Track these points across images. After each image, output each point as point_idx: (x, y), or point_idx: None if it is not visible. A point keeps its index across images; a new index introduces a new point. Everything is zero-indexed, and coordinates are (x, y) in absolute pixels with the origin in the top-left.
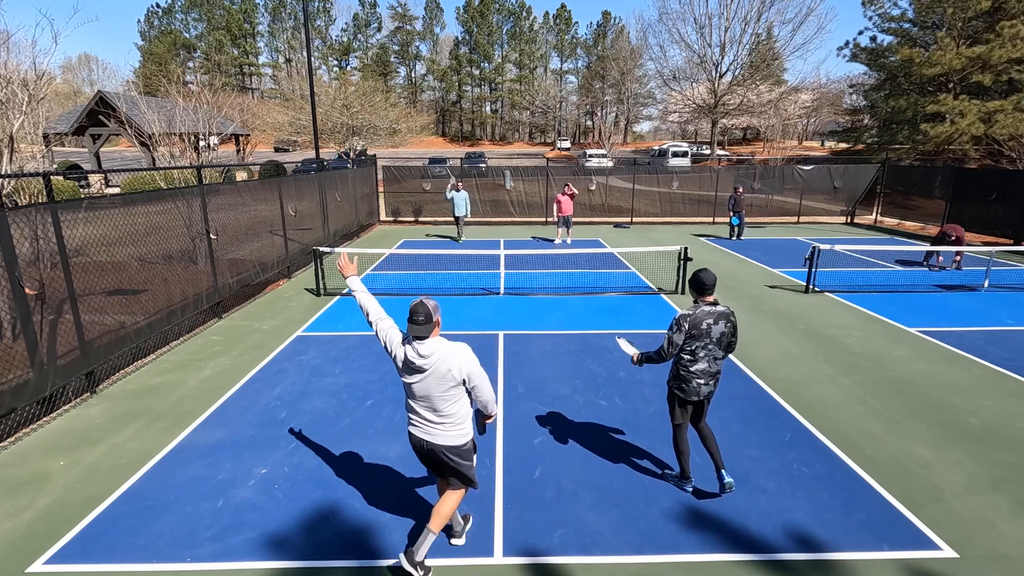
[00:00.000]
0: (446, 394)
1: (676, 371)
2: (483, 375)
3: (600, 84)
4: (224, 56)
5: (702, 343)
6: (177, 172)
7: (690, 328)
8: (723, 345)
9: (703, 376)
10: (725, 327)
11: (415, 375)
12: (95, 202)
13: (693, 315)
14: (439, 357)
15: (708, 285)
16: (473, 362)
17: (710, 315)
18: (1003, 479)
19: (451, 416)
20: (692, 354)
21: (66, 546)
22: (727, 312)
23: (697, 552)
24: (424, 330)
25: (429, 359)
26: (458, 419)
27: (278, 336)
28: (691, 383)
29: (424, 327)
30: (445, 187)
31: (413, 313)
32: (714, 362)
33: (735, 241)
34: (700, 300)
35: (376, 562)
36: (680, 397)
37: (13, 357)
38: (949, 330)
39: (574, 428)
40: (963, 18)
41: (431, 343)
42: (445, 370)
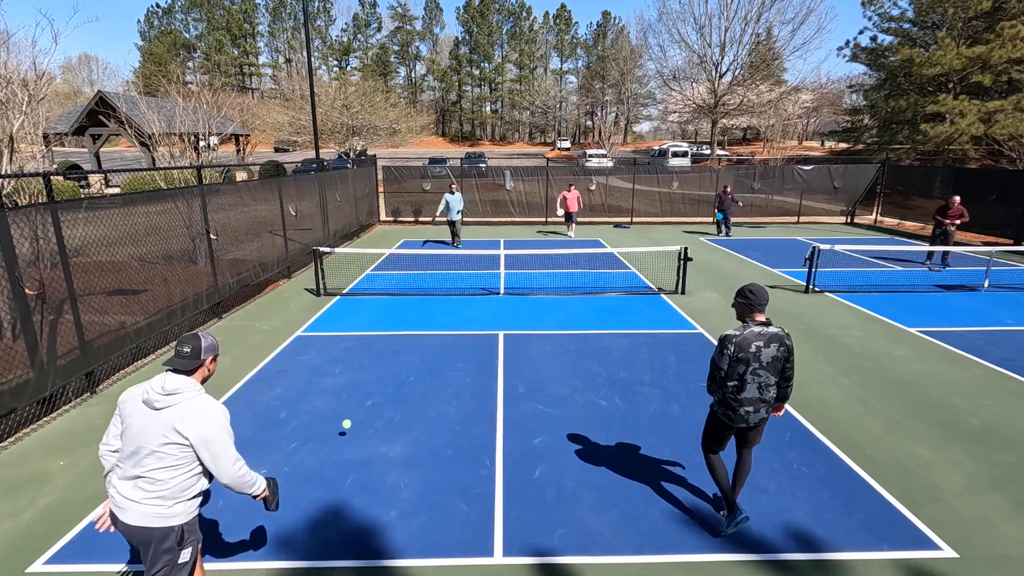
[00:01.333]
0: (163, 451)
1: (722, 396)
2: (229, 450)
3: (600, 84)
4: (224, 56)
5: (750, 368)
6: (177, 172)
7: (736, 351)
8: (775, 371)
9: (752, 404)
10: (778, 351)
11: (142, 411)
12: (95, 202)
13: (740, 336)
14: (180, 400)
15: (759, 303)
16: (217, 429)
17: (760, 337)
18: (1003, 479)
19: (155, 482)
20: (739, 380)
21: (66, 546)
22: (780, 334)
23: (697, 552)
24: (185, 364)
25: (171, 397)
26: (160, 491)
27: (278, 336)
28: (738, 411)
29: (186, 360)
30: (445, 190)
31: (180, 343)
32: (765, 389)
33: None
34: (749, 319)
35: (377, 562)
36: (724, 423)
37: (13, 357)
38: (949, 330)
39: (574, 428)
40: (963, 18)
41: (182, 381)
42: (177, 419)
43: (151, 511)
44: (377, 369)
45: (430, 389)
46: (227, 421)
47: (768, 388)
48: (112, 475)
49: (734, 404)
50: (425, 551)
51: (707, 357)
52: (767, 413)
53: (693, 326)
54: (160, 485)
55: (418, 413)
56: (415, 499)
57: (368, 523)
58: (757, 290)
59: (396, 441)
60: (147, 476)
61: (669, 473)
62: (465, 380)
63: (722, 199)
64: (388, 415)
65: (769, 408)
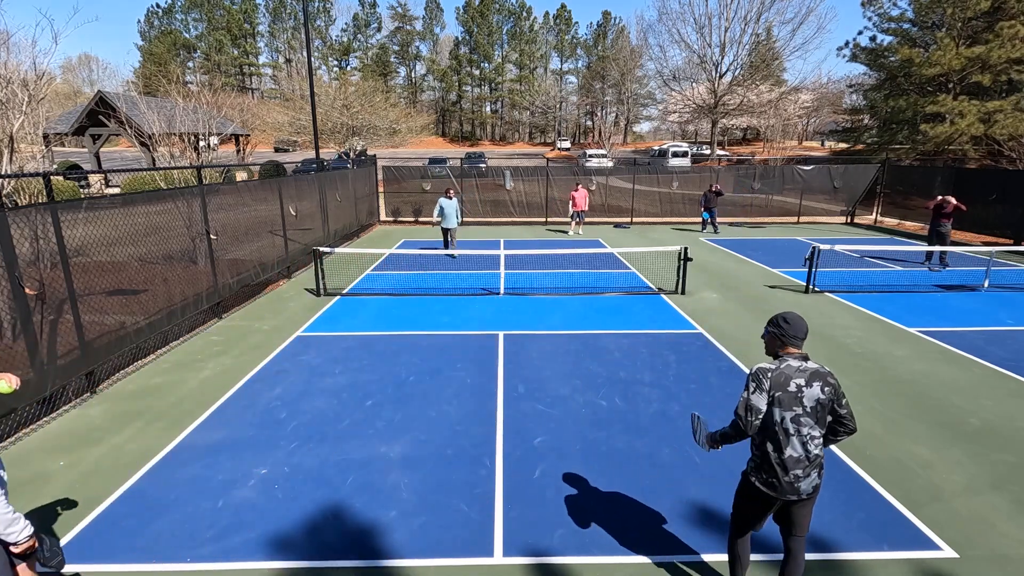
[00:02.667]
0: None
1: (761, 457)
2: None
3: (600, 84)
4: (224, 56)
5: (790, 414)
6: (177, 172)
7: (772, 388)
8: (819, 420)
9: (800, 465)
10: (822, 392)
11: None
12: (95, 202)
13: (777, 370)
14: None
15: (793, 334)
16: None
17: (801, 373)
18: (1003, 479)
19: None
20: (781, 429)
21: (66, 546)
22: (823, 371)
23: (697, 552)
24: None
25: None
26: None
27: (278, 336)
28: (785, 476)
29: None
30: (444, 193)
31: None
32: (812, 443)
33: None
34: (784, 353)
35: (377, 562)
36: (767, 495)
37: (13, 357)
38: (949, 330)
39: (574, 428)
40: (963, 18)
41: None
42: None
43: None
44: (377, 369)
45: (430, 389)
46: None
47: (814, 442)
48: None
49: (777, 467)
50: (425, 551)
51: (707, 357)
52: (820, 478)
53: (693, 326)
54: None
55: (418, 413)
56: (415, 499)
57: (368, 523)
58: (792, 319)
59: (396, 441)
60: None
61: (669, 473)
62: (465, 380)
63: (708, 197)
64: (388, 415)
65: (822, 471)
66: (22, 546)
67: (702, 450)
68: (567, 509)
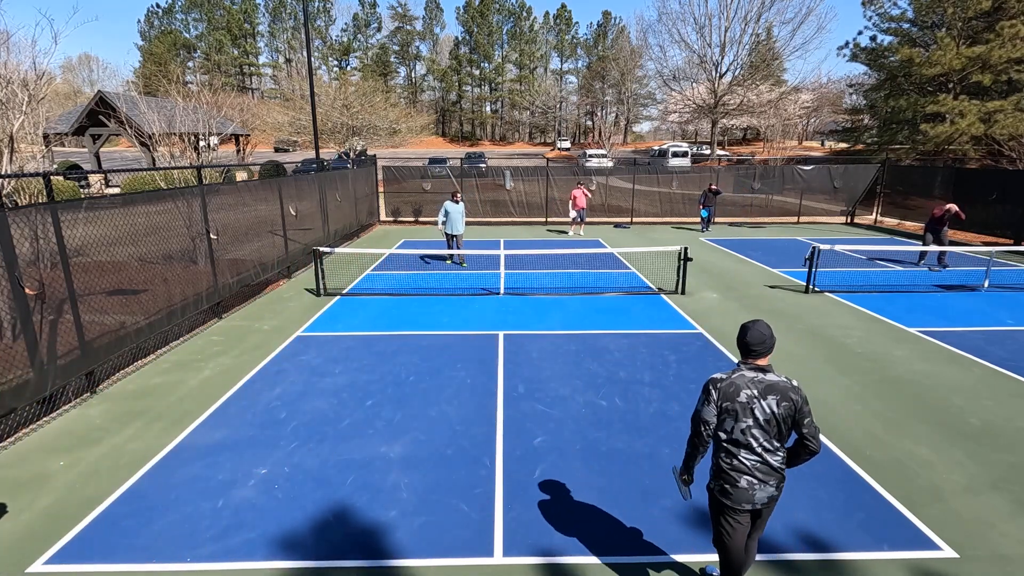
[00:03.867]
0: None
1: (716, 464)
2: None
3: (600, 84)
4: (224, 56)
5: (741, 424)
6: (177, 172)
7: (721, 399)
8: (776, 434)
9: (754, 474)
10: (778, 407)
11: None
12: (95, 202)
13: (727, 380)
14: None
15: (754, 345)
16: None
17: (754, 384)
18: (1003, 479)
19: None
20: (731, 440)
21: (66, 546)
22: (783, 384)
23: (697, 552)
24: None
25: None
26: None
27: (278, 336)
28: (738, 483)
29: None
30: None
31: None
32: (768, 455)
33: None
34: (744, 363)
35: (377, 562)
36: (726, 505)
37: (13, 357)
38: (949, 330)
39: (574, 428)
40: (963, 18)
41: None
42: None
43: None
44: (377, 369)
45: (430, 389)
46: None
47: (772, 454)
48: None
49: (731, 474)
50: (425, 551)
51: (707, 357)
52: (778, 490)
53: (693, 326)
54: None
55: (418, 413)
56: (415, 499)
57: (368, 523)
58: (752, 328)
59: (396, 441)
60: None
61: (669, 473)
62: (465, 380)
63: (706, 196)
64: (388, 415)
65: (782, 482)
66: None
67: (687, 499)
68: (567, 509)
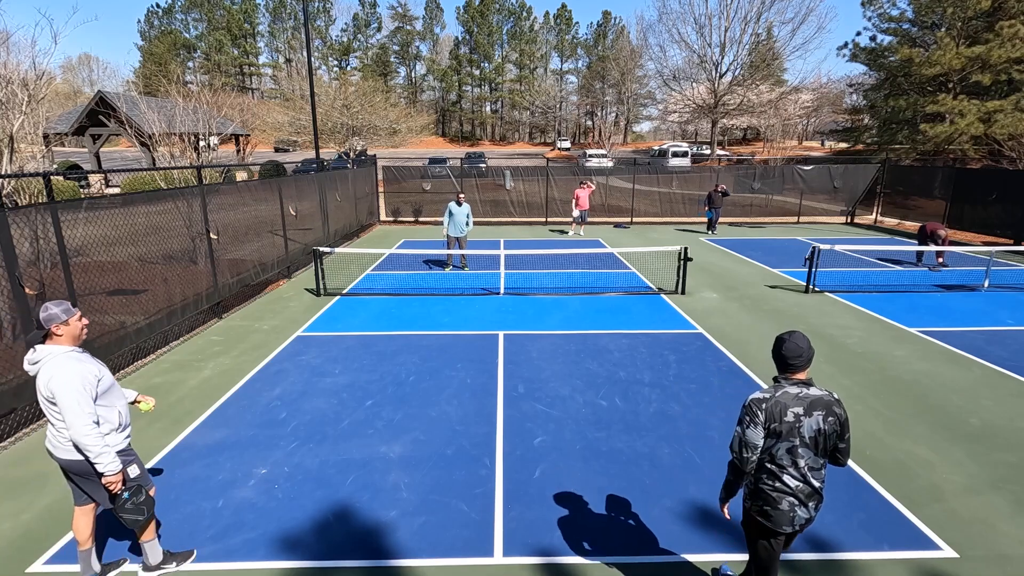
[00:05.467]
0: (46, 406)
1: (755, 485)
2: (72, 406)
3: (600, 84)
4: (224, 56)
5: (785, 445)
6: (177, 172)
7: (768, 420)
8: (821, 450)
9: (797, 495)
10: (824, 423)
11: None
12: (95, 202)
13: (771, 399)
14: (40, 366)
15: (791, 359)
16: (63, 386)
17: (799, 401)
18: (1003, 479)
19: (60, 432)
20: (773, 460)
21: (66, 546)
22: (828, 398)
23: (697, 552)
24: (37, 335)
25: (34, 366)
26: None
27: (278, 336)
28: (779, 505)
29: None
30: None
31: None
32: (812, 474)
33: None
34: (783, 378)
35: (377, 562)
36: (765, 526)
37: (13, 357)
38: (949, 330)
39: (574, 428)
40: (962, 18)
41: (43, 350)
42: (39, 382)
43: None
44: (377, 369)
45: (430, 389)
46: (78, 383)
47: (815, 473)
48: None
49: (772, 495)
50: (425, 551)
51: (706, 358)
52: (816, 511)
53: (693, 326)
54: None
55: (418, 413)
56: (415, 499)
57: (368, 523)
58: (791, 340)
59: (396, 441)
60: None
61: (669, 473)
62: (465, 380)
63: (712, 197)
64: (388, 415)
65: (820, 503)
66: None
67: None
68: (567, 509)
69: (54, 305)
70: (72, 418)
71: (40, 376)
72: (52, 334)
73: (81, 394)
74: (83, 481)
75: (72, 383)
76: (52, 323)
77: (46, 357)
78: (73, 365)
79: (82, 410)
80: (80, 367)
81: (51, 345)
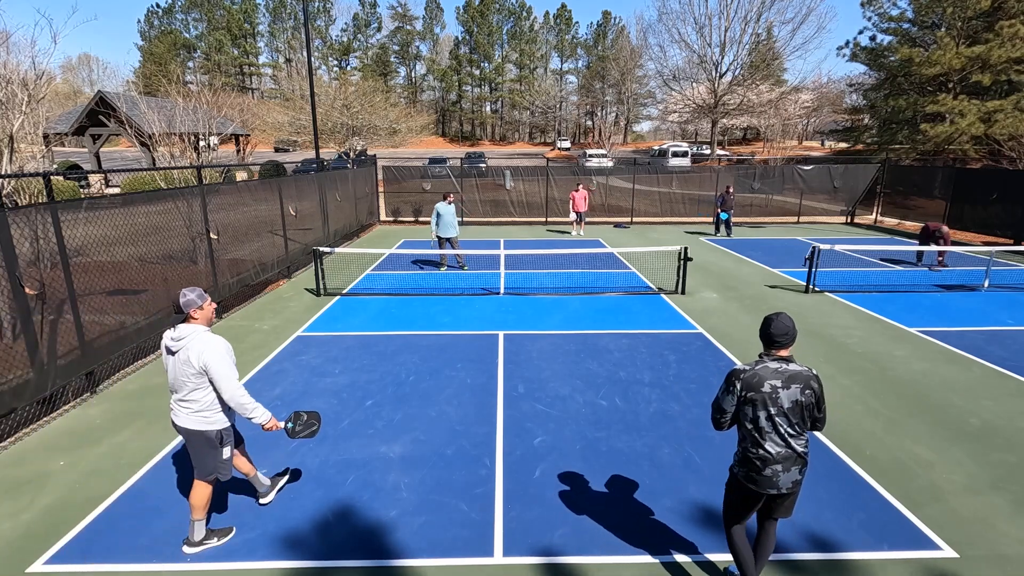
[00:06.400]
0: (188, 380)
1: (742, 452)
2: (222, 371)
3: (600, 84)
4: (224, 56)
5: (764, 412)
6: (177, 172)
7: (744, 389)
8: (798, 418)
9: (780, 461)
10: (802, 395)
11: (169, 356)
12: (95, 202)
13: (750, 371)
14: (186, 343)
15: (778, 336)
16: (214, 356)
17: (777, 375)
18: (1003, 479)
19: (192, 402)
20: (756, 428)
21: (66, 546)
22: (806, 373)
23: (697, 552)
24: (179, 318)
25: (178, 342)
26: (199, 407)
27: (278, 336)
28: (764, 471)
29: (179, 315)
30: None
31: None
32: (793, 440)
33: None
34: (766, 355)
35: (377, 562)
36: (748, 488)
37: (13, 357)
38: (949, 330)
39: (574, 428)
40: (962, 17)
41: (185, 328)
42: (186, 356)
43: (196, 420)
44: (377, 369)
45: (430, 389)
46: (224, 353)
47: (796, 439)
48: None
49: (756, 463)
50: (425, 551)
51: (706, 357)
52: (801, 474)
53: (693, 326)
54: (194, 404)
55: (418, 413)
56: (415, 499)
57: (368, 523)
58: (776, 320)
59: (396, 441)
60: (185, 397)
61: (669, 473)
62: (465, 380)
63: (724, 199)
64: (388, 415)
65: (804, 467)
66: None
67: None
68: (567, 509)
69: (190, 291)
70: (227, 383)
71: (189, 351)
72: (190, 317)
73: (230, 363)
74: (201, 450)
75: (223, 355)
76: (190, 308)
77: (191, 335)
78: (219, 340)
79: (233, 375)
80: (223, 342)
81: (192, 325)
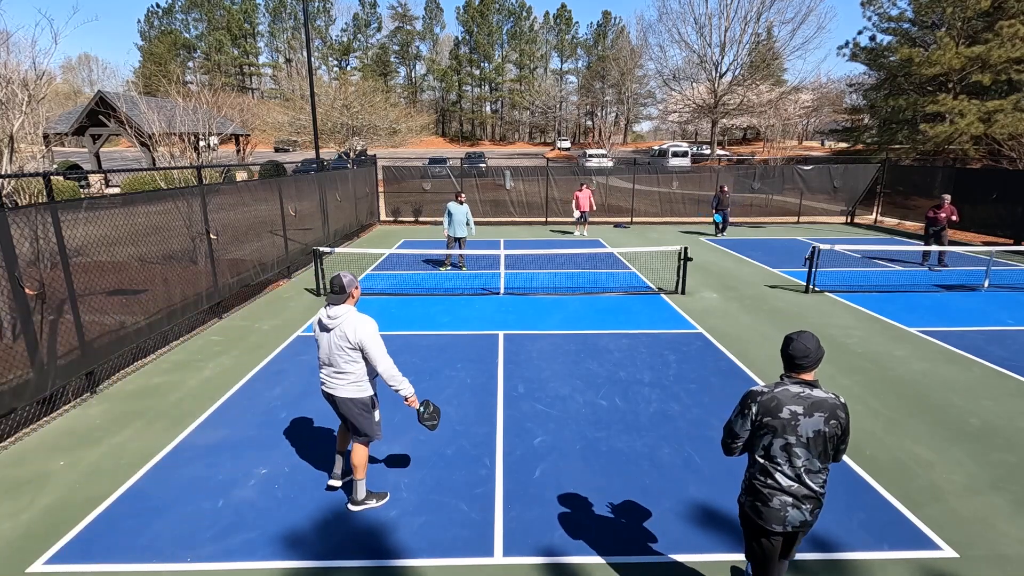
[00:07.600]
0: (343, 353)
1: (748, 479)
2: (377, 348)
3: (600, 84)
4: (224, 56)
5: (781, 441)
6: (177, 172)
7: (760, 414)
8: (819, 451)
9: (790, 495)
10: (826, 425)
11: (324, 333)
12: (95, 202)
13: (769, 394)
14: (342, 321)
15: (798, 358)
16: (368, 334)
17: (799, 400)
18: (1003, 479)
19: (348, 374)
20: (768, 456)
21: (66, 546)
22: (832, 401)
23: (697, 552)
24: (338, 298)
25: (334, 320)
26: (354, 378)
27: (278, 336)
28: (770, 502)
29: (338, 296)
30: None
31: (331, 283)
32: (809, 476)
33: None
34: (787, 376)
35: (377, 562)
36: (756, 524)
37: (13, 357)
38: (949, 330)
39: (574, 428)
40: (962, 17)
41: (341, 308)
42: (342, 333)
43: (351, 389)
44: None
45: (430, 389)
46: (375, 331)
47: (813, 476)
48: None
49: (763, 492)
50: (425, 551)
51: (706, 357)
52: (812, 516)
53: (693, 326)
54: (350, 376)
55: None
56: (415, 499)
57: (369, 523)
58: (798, 340)
59: (396, 441)
60: (340, 369)
61: (669, 473)
62: (465, 380)
63: (720, 199)
64: (388, 415)
65: (817, 508)
66: (409, 403)
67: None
68: (567, 509)
69: (346, 275)
70: (381, 357)
71: (345, 328)
72: (349, 297)
73: (380, 340)
74: (358, 416)
75: (375, 332)
76: (352, 287)
77: (345, 314)
78: (370, 320)
79: (384, 350)
80: (374, 322)
81: (346, 305)
